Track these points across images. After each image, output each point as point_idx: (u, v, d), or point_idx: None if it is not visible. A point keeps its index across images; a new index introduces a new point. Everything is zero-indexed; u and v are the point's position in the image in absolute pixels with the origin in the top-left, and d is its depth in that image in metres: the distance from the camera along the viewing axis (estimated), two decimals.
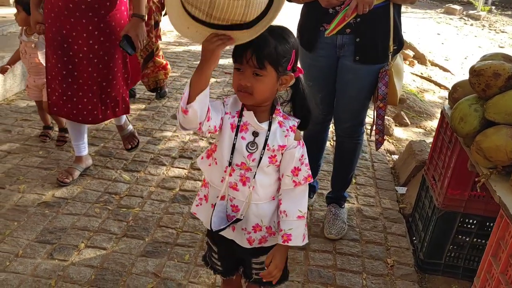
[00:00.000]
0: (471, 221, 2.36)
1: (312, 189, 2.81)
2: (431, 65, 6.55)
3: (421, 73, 6.09)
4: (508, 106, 1.70)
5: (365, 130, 2.54)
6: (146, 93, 4.35)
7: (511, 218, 1.59)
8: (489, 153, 1.70)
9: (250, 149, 1.41)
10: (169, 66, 4.27)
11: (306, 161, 1.42)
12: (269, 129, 1.40)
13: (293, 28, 1.76)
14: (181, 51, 5.88)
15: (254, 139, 1.41)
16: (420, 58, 6.56)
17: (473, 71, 1.80)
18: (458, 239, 2.40)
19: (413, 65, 6.30)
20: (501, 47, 8.52)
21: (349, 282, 2.30)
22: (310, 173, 1.43)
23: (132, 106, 3.63)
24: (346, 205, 2.83)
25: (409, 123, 4.56)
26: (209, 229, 1.46)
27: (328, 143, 2.69)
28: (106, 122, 3.62)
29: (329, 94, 2.46)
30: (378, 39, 2.24)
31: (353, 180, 3.18)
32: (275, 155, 1.41)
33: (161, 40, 4.15)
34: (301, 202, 1.44)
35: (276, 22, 1.31)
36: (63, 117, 2.90)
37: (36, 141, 3.29)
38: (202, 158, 1.55)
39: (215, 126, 1.39)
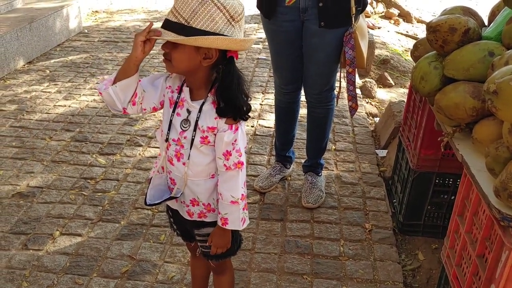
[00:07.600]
0: (446, 180, 2.33)
1: (289, 160, 2.77)
2: (417, 22, 6.42)
3: (407, 32, 5.97)
4: (465, 62, 1.64)
5: (336, 95, 2.49)
6: None
7: (473, 176, 1.55)
8: (448, 111, 1.65)
9: (183, 126, 1.40)
10: None
11: (238, 147, 1.38)
12: (200, 108, 1.36)
13: None
14: None
15: (187, 117, 1.39)
16: (405, 16, 6.43)
17: (429, 27, 1.73)
18: (436, 198, 2.38)
19: (398, 24, 6.18)
20: None
21: (326, 250, 2.29)
22: (242, 160, 1.40)
23: None
24: (324, 172, 2.80)
25: (394, 84, 4.48)
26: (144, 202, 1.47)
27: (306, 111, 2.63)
28: (81, 106, 3.60)
29: (297, 60, 2.42)
30: (340, 2, 2.18)
31: (333, 147, 3.14)
32: (206, 136, 1.38)
33: None
34: (232, 187, 1.41)
35: None
36: None
37: (10, 131, 3.24)
38: (157, 129, 1.55)
39: (153, 107, 1.45)
